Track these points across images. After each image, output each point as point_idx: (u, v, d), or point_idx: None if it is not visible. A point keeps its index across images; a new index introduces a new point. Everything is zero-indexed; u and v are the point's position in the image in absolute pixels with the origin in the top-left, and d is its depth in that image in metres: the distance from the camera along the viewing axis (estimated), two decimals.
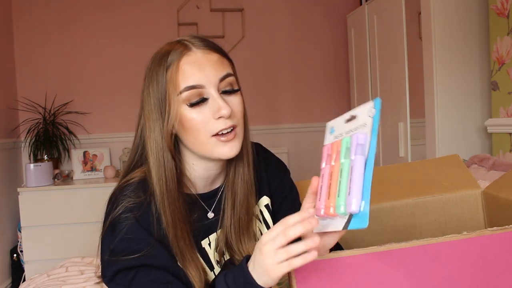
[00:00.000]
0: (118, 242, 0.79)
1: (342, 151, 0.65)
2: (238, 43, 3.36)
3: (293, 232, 0.62)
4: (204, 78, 0.80)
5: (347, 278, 0.67)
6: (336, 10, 3.56)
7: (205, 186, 0.92)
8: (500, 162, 1.84)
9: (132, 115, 3.55)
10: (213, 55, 0.82)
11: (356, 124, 0.65)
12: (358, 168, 0.60)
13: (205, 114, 0.81)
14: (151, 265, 0.79)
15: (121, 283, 0.79)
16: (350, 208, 0.59)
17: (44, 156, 2.97)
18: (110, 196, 0.86)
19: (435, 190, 1.11)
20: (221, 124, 0.81)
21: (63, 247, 2.67)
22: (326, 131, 0.70)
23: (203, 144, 0.82)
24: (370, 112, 0.62)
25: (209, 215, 0.91)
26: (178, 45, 0.83)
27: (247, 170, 0.90)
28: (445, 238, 0.67)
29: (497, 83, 2.12)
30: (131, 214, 0.81)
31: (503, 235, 0.68)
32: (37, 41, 3.15)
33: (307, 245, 0.61)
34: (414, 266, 0.67)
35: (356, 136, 0.62)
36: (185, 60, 0.80)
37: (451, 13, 2.29)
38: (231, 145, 0.82)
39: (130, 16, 3.27)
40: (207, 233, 0.90)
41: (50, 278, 1.61)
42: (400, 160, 2.65)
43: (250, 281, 0.67)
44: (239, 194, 0.90)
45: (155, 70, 0.83)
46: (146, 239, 0.80)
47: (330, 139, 0.69)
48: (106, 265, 0.81)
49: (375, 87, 2.96)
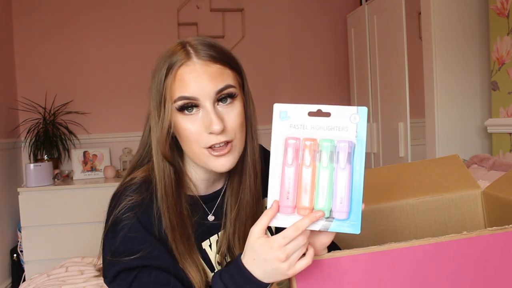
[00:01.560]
0: (120, 243, 0.79)
1: (324, 155, 0.64)
2: (238, 43, 3.36)
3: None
4: (199, 91, 0.78)
5: (347, 278, 0.67)
6: (336, 10, 3.56)
7: (206, 188, 0.91)
8: (500, 162, 1.84)
9: (132, 115, 3.55)
10: (213, 66, 0.80)
11: (331, 123, 0.64)
12: (351, 177, 0.64)
13: (198, 126, 0.80)
14: (152, 266, 0.79)
15: (122, 284, 0.79)
16: (341, 215, 0.63)
17: (44, 156, 2.97)
18: (113, 194, 0.87)
19: (435, 191, 1.11)
20: (213, 139, 0.79)
21: (63, 247, 2.67)
22: (275, 114, 0.66)
23: (197, 155, 0.82)
24: (353, 118, 0.63)
25: (209, 218, 0.91)
26: (182, 51, 0.81)
27: (253, 181, 0.89)
28: (444, 238, 0.67)
29: (497, 83, 2.12)
30: (132, 213, 0.81)
31: (503, 235, 0.68)
32: (37, 41, 3.15)
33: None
34: (414, 266, 0.67)
35: (346, 144, 0.64)
36: (184, 70, 0.79)
37: (451, 13, 2.29)
38: (224, 159, 0.81)
39: (130, 16, 3.27)
40: (208, 235, 0.90)
41: (50, 278, 1.61)
42: (400, 160, 2.65)
43: (250, 277, 0.68)
44: (245, 204, 0.89)
45: (158, 72, 0.82)
46: (148, 240, 0.80)
47: (284, 127, 0.66)
48: (108, 265, 0.81)
49: (375, 87, 2.96)
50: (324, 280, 0.67)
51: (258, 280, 0.68)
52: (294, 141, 0.65)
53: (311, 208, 0.65)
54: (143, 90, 3.13)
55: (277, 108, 0.66)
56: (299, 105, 0.66)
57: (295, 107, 0.66)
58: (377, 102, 2.94)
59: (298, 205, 0.65)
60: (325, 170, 0.64)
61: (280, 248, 0.64)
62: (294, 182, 0.65)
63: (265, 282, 0.68)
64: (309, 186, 0.65)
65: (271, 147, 0.67)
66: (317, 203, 0.64)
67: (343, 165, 0.64)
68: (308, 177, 0.65)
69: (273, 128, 0.66)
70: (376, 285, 0.67)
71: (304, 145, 0.65)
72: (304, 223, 0.64)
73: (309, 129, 0.65)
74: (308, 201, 0.65)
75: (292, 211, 0.65)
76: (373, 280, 0.67)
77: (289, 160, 0.65)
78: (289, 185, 0.65)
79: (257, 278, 0.68)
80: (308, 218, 0.64)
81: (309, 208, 0.65)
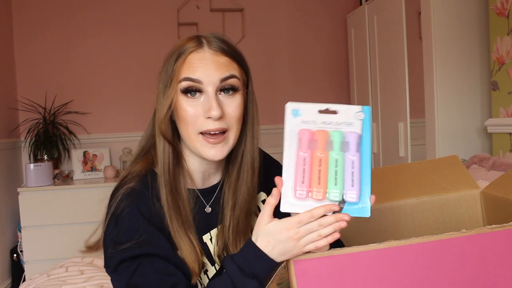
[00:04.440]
0: (121, 233, 0.81)
1: (335, 143, 0.69)
2: (238, 43, 3.36)
3: (325, 231, 0.68)
4: (205, 75, 0.82)
5: (347, 275, 0.67)
6: (336, 10, 3.56)
7: (202, 181, 0.93)
8: (500, 162, 1.84)
9: (132, 115, 3.55)
10: (222, 57, 0.84)
11: (338, 120, 0.70)
12: (360, 164, 0.69)
13: (197, 109, 0.83)
14: (153, 254, 0.81)
15: (124, 273, 0.81)
16: (353, 198, 0.67)
17: (44, 156, 2.97)
18: (114, 188, 0.89)
19: (434, 191, 1.11)
20: (210, 124, 0.82)
21: (63, 247, 2.67)
22: (287, 112, 0.72)
23: (192, 140, 0.85)
24: (357, 116, 0.70)
25: (206, 210, 0.93)
26: (194, 40, 0.85)
27: (250, 177, 0.91)
28: (444, 236, 0.67)
29: (497, 83, 2.12)
30: (131, 202, 0.83)
31: (502, 233, 0.69)
32: (37, 41, 3.15)
33: (334, 228, 0.68)
34: (414, 264, 0.67)
35: (355, 135, 0.69)
36: (194, 56, 0.83)
37: (451, 13, 2.29)
38: (217, 149, 0.84)
39: (130, 16, 3.27)
40: (208, 228, 0.92)
41: (50, 278, 1.61)
42: (400, 160, 2.65)
43: (263, 255, 0.72)
44: (240, 199, 0.91)
45: (169, 57, 0.86)
46: (148, 228, 0.82)
47: (296, 122, 0.71)
48: (110, 255, 0.82)
49: (375, 87, 2.96)
50: (324, 277, 0.67)
51: (270, 258, 0.72)
52: (307, 132, 0.70)
53: (325, 192, 0.68)
54: (143, 90, 3.13)
55: (290, 106, 0.72)
56: (310, 103, 0.72)
57: (306, 105, 0.72)
58: (377, 102, 2.94)
59: (311, 189, 0.69)
60: (337, 157, 0.69)
61: (293, 229, 0.68)
62: (308, 167, 0.69)
63: (277, 261, 0.73)
64: (323, 171, 0.69)
65: (284, 140, 0.71)
66: (330, 187, 0.68)
67: (353, 153, 0.69)
68: (322, 163, 0.69)
69: (286, 123, 0.72)
70: (376, 282, 0.67)
71: (317, 135, 0.70)
72: (319, 212, 0.67)
73: (320, 124, 0.70)
74: (323, 185, 0.68)
75: (306, 195, 0.69)
76: (373, 277, 0.67)
77: (304, 148, 0.70)
78: (303, 171, 0.69)
79: (271, 257, 0.72)
80: (323, 208, 0.67)
81: (322, 192, 0.68)
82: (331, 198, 0.68)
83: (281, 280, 0.82)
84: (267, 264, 0.73)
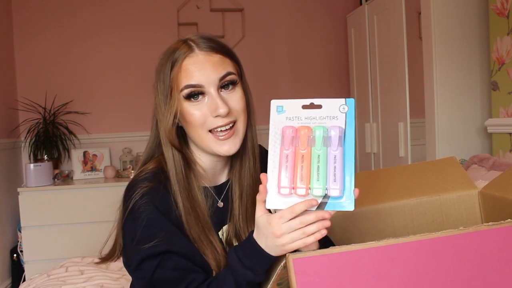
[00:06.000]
0: (141, 230, 0.83)
1: (317, 139, 0.70)
2: (238, 43, 3.36)
3: (310, 229, 0.69)
4: (204, 78, 0.85)
5: (346, 273, 0.67)
6: (336, 10, 3.56)
7: (213, 177, 0.96)
8: (500, 162, 1.84)
9: (132, 115, 3.56)
10: (214, 56, 0.87)
11: (322, 114, 0.71)
12: (342, 158, 0.69)
13: (203, 111, 0.86)
14: (173, 252, 0.83)
15: (146, 271, 0.83)
16: (335, 192, 0.68)
17: (44, 156, 2.97)
18: (127, 186, 0.91)
19: (432, 191, 1.12)
20: (219, 121, 0.86)
21: (63, 247, 2.67)
22: (272, 109, 0.73)
23: (202, 139, 0.88)
24: (342, 109, 0.70)
25: (219, 204, 0.96)
26: (183, 45, 0.87)
27: (252, 164, 0.95)
28: (442, 233, 0.68)
29: (497, 83, 2.12)
30: (149, 200, 0.85)
31: (499, 230, 0.69)
32: (37, 41, 3.15)
33: (318, 227, 0.69)
34: (412, 261, 0.68)
35: (338, 129, 0.69)
36: (188, 61, 0.85)
37: (451, 13, 2.29)
38: (229, 143, 0.88)
39: (130, 16, 3.27)
40: (221, 225, 0.95)
41: (50, 278, 1.61)
42: (400, 160, 2.65)
43: (259, 249, 0.74)
44: (246, 186, 0.95)
45: (162, 67, 0.88)
46: (166, 225, 0.84)
47: (281, 119, 0.72)
48: (131, 254, 0.84)
49: (375, 87, 2.96)
50: (323, 275, 0.67)
51: (266, 252, 0.74)
52: (290, 129, 0.71)
53: (308, 188, 0.69)
54: (143, 90, 3.13)
55: (274, 104, 0.73)
56: (294, 100, 0.73)
57: (290, 102, 0.73)
58: (377, 102, 2.94)
59: (295, 185, 0.70)
60: (319, 152, 0.69)
61: (276, 225, 0.70)
62: (291, 164, 0.70)
63: (272, 255, 0.74)
64: (305, 168, 0.69)
65: (269, 137, 0.72)
66: (313, 183, 0.69)
67: (335, 147, 0.69)
68: (304, 160, 0.70)
69: (271, 120, 0.73)
70: (375, 280, 0.67)
71: (300, 132, 0.71)
72: (300, 208, 0.68)
73: (304, 119, 0.71)
74: (305, 182, 0.69)
75: (289, 192, 0.70)
76: (372, 275, 0.67)
77: (286, 145, 0.71)
78: (286, 168, 0.70)
79: (265, 251, 0.74)
80: (304, 203, 0.68)
81: (305, 188, 0.69)
82: (314, 193, 0.69)
83: (281, 280, 0.82)
84: (263, 258, 0.75)
